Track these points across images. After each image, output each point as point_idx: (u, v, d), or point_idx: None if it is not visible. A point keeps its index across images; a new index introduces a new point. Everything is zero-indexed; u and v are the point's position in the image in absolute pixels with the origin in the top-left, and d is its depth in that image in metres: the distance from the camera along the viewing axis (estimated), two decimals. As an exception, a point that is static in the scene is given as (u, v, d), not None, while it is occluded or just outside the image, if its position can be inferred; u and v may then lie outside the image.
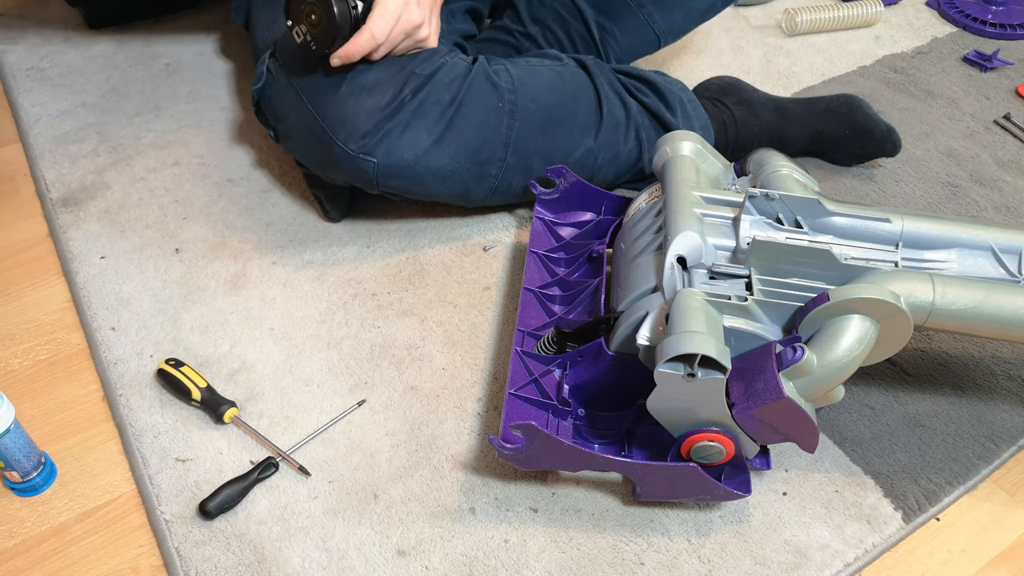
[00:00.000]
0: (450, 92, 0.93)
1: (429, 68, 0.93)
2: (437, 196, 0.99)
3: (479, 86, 0.95)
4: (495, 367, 0.92)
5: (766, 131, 1.13)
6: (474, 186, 0.99)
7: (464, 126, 0.94)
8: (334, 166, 0.94)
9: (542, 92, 1.00)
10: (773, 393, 0.68)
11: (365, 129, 0.91)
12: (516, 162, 0.99)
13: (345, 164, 0.93)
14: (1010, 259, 0.79)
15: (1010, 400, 0.91)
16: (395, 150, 0.92)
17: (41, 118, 1.21)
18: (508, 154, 0.97)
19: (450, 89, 0.93)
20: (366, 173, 0.93)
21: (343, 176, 0.96)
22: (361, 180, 0.95)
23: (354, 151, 0.91)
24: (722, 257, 0.79)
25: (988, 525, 0.82)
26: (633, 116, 1.05)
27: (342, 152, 0.92)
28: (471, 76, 0.95)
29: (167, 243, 1.04)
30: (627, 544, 0.78)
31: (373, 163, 0.92)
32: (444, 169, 0.95)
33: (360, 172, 0.93)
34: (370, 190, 0.97)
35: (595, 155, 1.03)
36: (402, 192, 0.97)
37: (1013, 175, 1.20)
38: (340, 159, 0.92)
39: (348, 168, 0.93)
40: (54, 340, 0.94)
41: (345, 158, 0.92)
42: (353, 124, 0.91)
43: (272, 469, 0.81)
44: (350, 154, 0.92)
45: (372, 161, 0.92)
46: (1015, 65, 1.40)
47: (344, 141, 0.91)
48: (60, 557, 0.77)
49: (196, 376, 0.87)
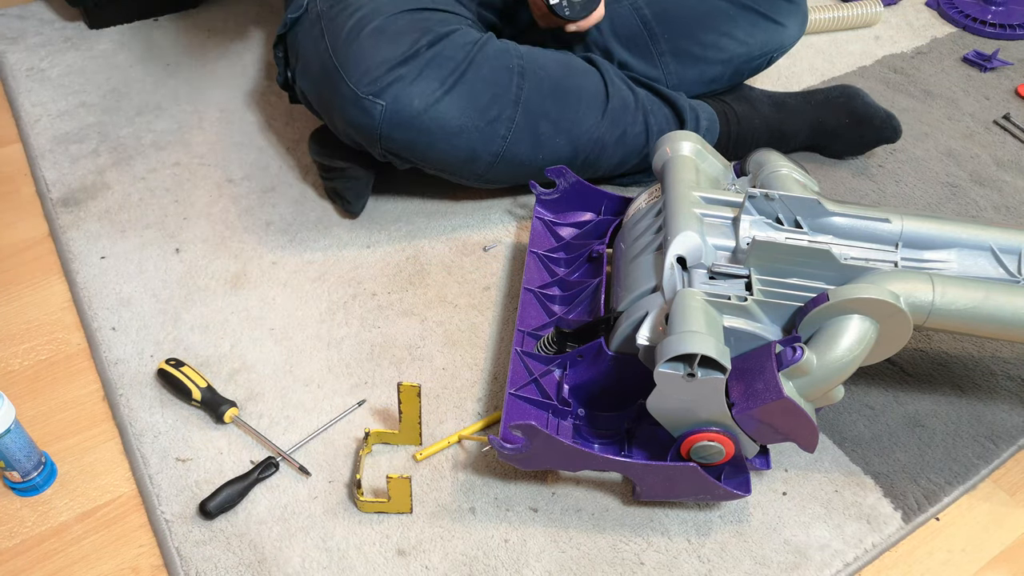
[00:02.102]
0: (463, 51, 0.94)
1: (446, 28, 0.95)
2: (441, 159, 0.98)
3: (491, 48, 0.97)
4: (495, 367, 0.92)
5: (766, 125, 1.14)
6: (481, 148, 0.97)
7: (475, 80, 0.94)
8: (341, 109, 0.94)
9: (549, 64, 1.01)
10: (773, 393, 0.68)
11: (377, 73, 0.91)
12: (525, 123, 0.98)
13: (353, 107, 0.92)
14: (1010, 259, 0.79)
15: (1010, 400, 0.91)
16: (404, 96, 0.91)
17: (41, 118, 1.21)
18: (517, 114, 0.97)
19: (464, 48, 0.95)
20: (372, 119, 0.92)
21: (347, 123, 0.95)
22: (366, 129, 0.93)
23: (363, 92, 0.91)
24: (722, 257, 0.79)
25: (988, 525, 0.82)
26: (641, 101, 1.06)
27: (351, 93, 0.92)
28: (483, 40, 0.97)
29: (167, 243, 1.04)
30: (627, 544, 0.78)
31: (381, 107, 0.91)
32: (452, 123, 0.94)
33: (366, 117, 0.92)
34: (372, 147, 0.96)
35: (602, 131, 1.03)
36: (405, 150, 0.96)
37: (1013, 175, 1.20)
38: (348, 100, 0.92)
39: (355, 112, 0.92)
40: (54, 340, 0.94)
41: (353, 100, 0.92)
42: (367, 66, 0.91)
43: (272, 469, 0.81)
44: (359, 95, 0.91)
45: (380, 104, 0.91)
46: (1015, 65, 1.40)
47: (355, 82, 0.91)
48: (60, 557, 0.77)
49: (196, 376, 0.87)
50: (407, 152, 0.96)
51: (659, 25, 1.11)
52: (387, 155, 0.97)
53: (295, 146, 1.18)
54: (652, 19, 1.11)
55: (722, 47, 1.12)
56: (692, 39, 1.12)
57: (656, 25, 1.11)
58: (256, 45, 1.36)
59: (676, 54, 1.12)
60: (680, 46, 1.12)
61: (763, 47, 1.14)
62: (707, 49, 1.12)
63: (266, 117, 1.23)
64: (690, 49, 1.12)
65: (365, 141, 0.96)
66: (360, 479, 0.79)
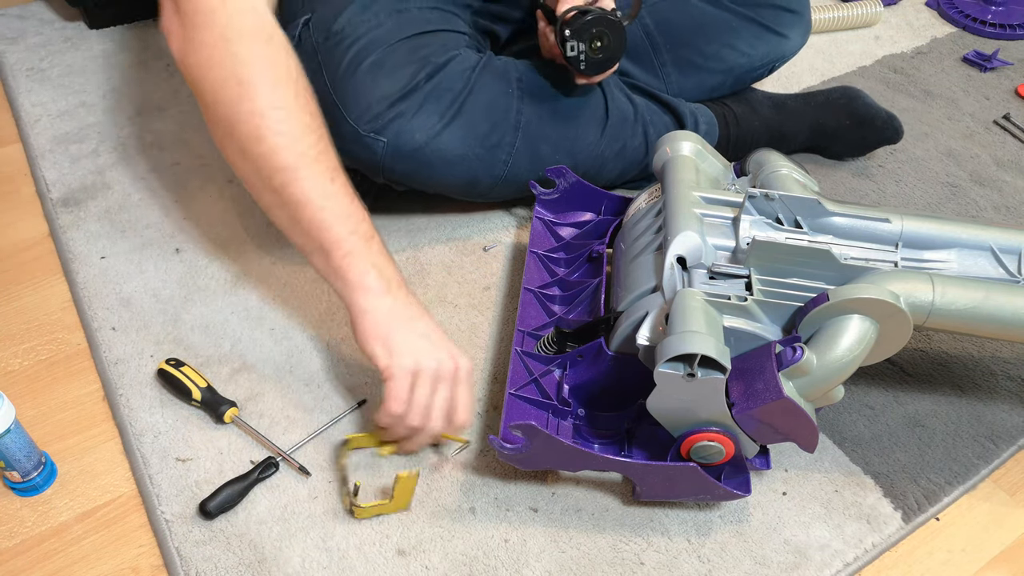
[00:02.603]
0: (462, 80, 0.94)
1: (444, 57, 0.94)
2: (443, 185, 0.99)
3: (489, 73, 0.97)
4: (495, 367, 0.92)
5: (766, 126, 1.14)
6: (482, 174, 0.98)
7: (474, 110, 0.94)
8: (342, 145, 0.93)
9: (548, 84, 1.01)
10: (773, 393, 0.68)
11: (378, 110, 0.91)
12: (525, 148, 0.98)
13: (354, 144, 0.92)
14: (1010, 259, 0.79)
15: (1010, 400, 0.91)
16: (406, 131, 0.92)
17: (41, 118, 1.21)
18: (517, 139, 0.97)
19: (462, 77, 0.94)
20: (374, 154, 0.93)
21: (349, 158, 0.94)
22: (368, 163, 0.94)
23: (365, 130, 0.91)
24: (722, 257, 0.79)
25: (988, 525, 0.82)
26: (640, 113, 1.06)
27: (352, 132, 0.92)
28: (481, 64, 0.96)
29: (167, 243, 1.04)
30: (627, 544, 0.78)
31: (383, 143, 0.92)
32: (453, 153, 0.94)
33: (368, 153, 0.93)
34: (375, 176, 0.97)
35: (602, 147, 1.03)
36: (407, 179, 0.97)
37: (1013, 175, 1.20)
38: (349, 138, 0.92)
39: (356, 148, 0.93)
40: (54, 340, 0.94)
41: (355, 137, 0.92)
42: (367, 103, 0.91)
43: (272, 469, 0.81)
44: (360, 134, 0.91)
45: (382, 141, 0.92)
46: (1015, 65, 1.40)
47: (356, 120, 0.91)
48: (60, 557, 0.77)
49: (196, 376, 0.87)
50: (409, 180, 0.97)
51: (661, 36, 1.11)
52: (389, 182, 0.98)
53: (295, 146, 1.18)
54: (654, 29, 1.11)
55: (724, 58, 1.12)
56: (694, 50, 1.11)
57: (658, 35, 1.11)
58: (256, 45, 1.36)
59: (678, 64, 1.12)
60: (682, 56, 1.12)
61: (765, 58, 1.14)
62: (709, 60, 1.12)
63: (266, 117, 1.22)
64: (692, 59, 1.12)
65: (368, 172, 0.97)
66: (358, 486, 0.77)
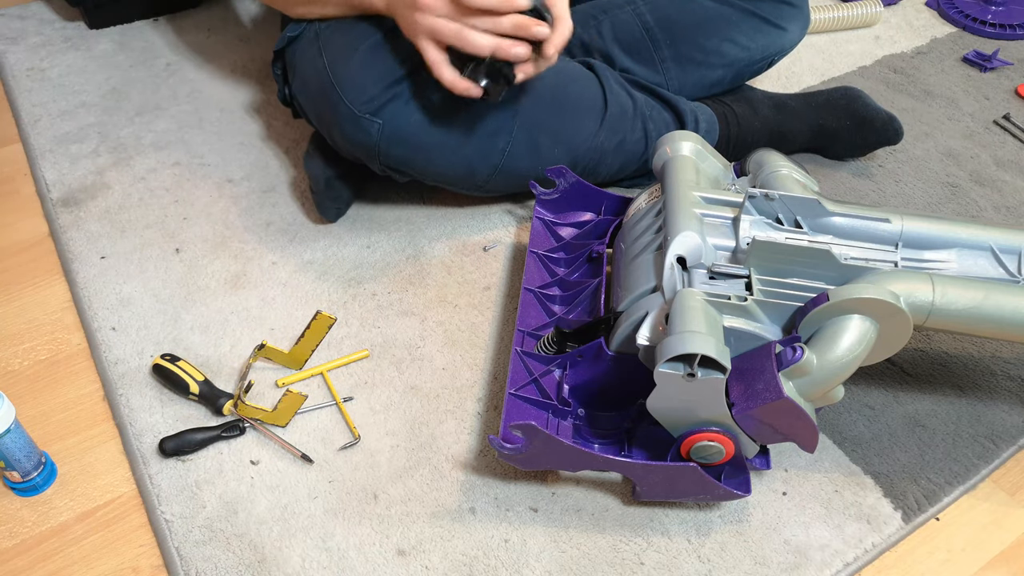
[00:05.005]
0: None
1: None
2: (440, 173, 0.98)
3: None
4: (495, 367, 0.92)
5: (766, 126, 1.14)
6: (479, 162, 0.98)
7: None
8: (340, 128, 0.94)
9: (547, 73, 1.00)
10: (773, 393, 0.68)
11: (374, 92, 0.91)
12: (523, 137, 0.98)
13: (351, 125, 0.92)
14: (1010, 259, 0.79)
15: (1010, 400, 0.91)
16: (401, 114, 0.92)
17: (41, 118, 1.21)
18: (515, 127, 0.97)
19: None
20: (370, 136, 0.93)
21: (346, 140, 0.95)
22: (364, 145, 0.94)
23: (360, 112, 0.91)
24: (722, 257, 0.79)
25: (988, 525, 0.82)
26: (640, 107, 1.06)
27: (349, 112, 0.92)
28: None
29: (167, 243, 1.04)
30: (627, 544, 0.78)
31: (378, 125, 0.92)
32: (450, 139, 0.94)
33: (364, 135, 0.93)
34: (371, 163, 0.97)
35: (601, 139, 1.03)
36: (404, 166, 0.96)
37: (1013, 175, 1.20)
38: (346, 119, 0.92)
39: (353, 131, 0.93)
40: (54, 340, 0.94)
41: (352, 119, 0.92)
42: (363, 85, 0.91)
43: (236, 431, 0.84)
44: (356, 115, 0.91)
45: (377, 123, 0.92)
46: (1015, 65, 1.40)
47: (352, 101, 0.91)
48: (60, 557, 0.77)
49: (193, 370, 0.87)
50: (406, 167, 0.97)
51: (661, 31, 1.11)
52: (386, 170, 0.98)
53: (295, 146, 1.18)
54: (654, 25, 1.11)
55: (724, 52, 1.12)
56: (694, 45, 1.11)
57: (658, 31, 1.11)
58: (256, 45, 1.36)
59: (678, 60, 1.12)
60: (682, 52, 1.11)
61: (764, 51, 1.14)
62: (709, 55, 1.12)
63: (266, 117, 1.23)
64: (692, 55, 1.12)
65: (364, 157, 0.96)
66: (252, 384, 0.84)
